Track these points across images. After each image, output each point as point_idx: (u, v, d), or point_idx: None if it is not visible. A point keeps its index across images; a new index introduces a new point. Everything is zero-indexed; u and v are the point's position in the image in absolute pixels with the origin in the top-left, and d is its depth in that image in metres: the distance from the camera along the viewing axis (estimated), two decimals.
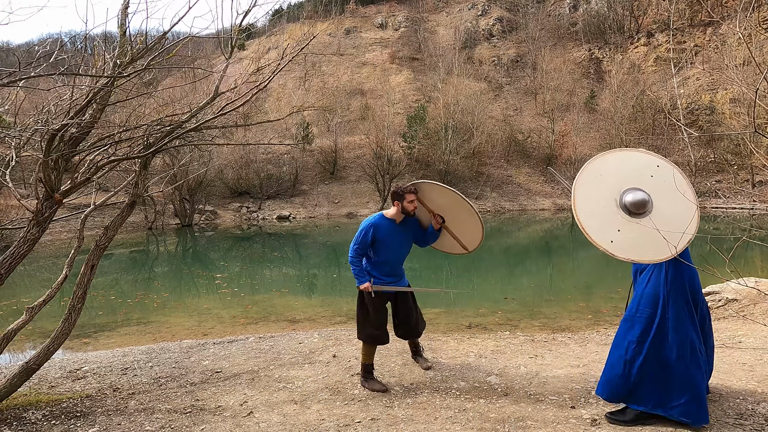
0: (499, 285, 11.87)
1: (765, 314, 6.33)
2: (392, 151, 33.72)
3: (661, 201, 3.21)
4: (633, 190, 3.25)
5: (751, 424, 3.23)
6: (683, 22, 45.24)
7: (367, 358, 4.26)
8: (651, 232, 3.11)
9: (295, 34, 49.94)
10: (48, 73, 3.22)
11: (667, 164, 3.31)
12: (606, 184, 3.30)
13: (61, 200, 3.76)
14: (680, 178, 3.25)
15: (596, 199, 3.28)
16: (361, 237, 4.10)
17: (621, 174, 3.31)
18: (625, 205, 3.24)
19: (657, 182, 3.25)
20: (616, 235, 3.18)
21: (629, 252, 3.16)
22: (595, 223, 3.23)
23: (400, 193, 4.09)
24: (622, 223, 3.20)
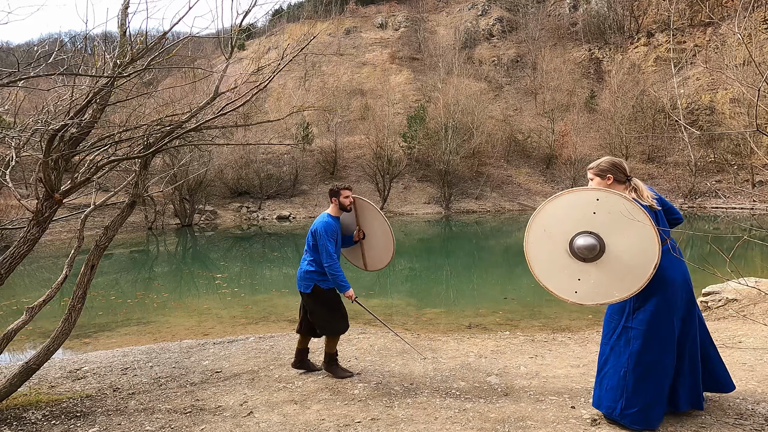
0: (499, 285, 11.87)
1: (765, 314, 6.33)
2: (392, 151, 33.71)
3: (613, 235, 3.09)
4: (579, 236, 3.16)
5: (751, 424, 3.23)
6: (683, 22, 45.23)
7: (334, 347, 4.54)
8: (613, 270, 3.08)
9: (295, 34, 49.94)
10: (48, 73, 3.22)
11: (606, 194, 3.13)
12: (553, 239, 3.23)
13: (61, 200, 3.76)
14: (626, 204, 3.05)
15: (548, 255, 3.24)
16: (330, 242, 4.28)
17: (564, 222, 3.21)
18: (577, 252, 3.17)
19: (601, 217, 3.10)
20: (578, 285, 3.17)
21: (595, 297, 3.16)
22: (554, 280, 3.23)
23: (336, 190, 4.46)
24: (580, 270, 3.16)
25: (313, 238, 4.36)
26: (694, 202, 32.59)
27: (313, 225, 4.39)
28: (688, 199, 33.02)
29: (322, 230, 4.28)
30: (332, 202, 4.48)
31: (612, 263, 3.10)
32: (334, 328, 4.43)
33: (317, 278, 4.36)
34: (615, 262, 3.09)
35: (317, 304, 4.39)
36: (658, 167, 36.78)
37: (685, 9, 45.39)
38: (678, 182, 34.55)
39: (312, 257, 4.38)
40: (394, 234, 4.63)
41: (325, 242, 4.24)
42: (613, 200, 3.09)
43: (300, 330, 4.61)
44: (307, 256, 4.44)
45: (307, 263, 4.42)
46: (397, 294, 10.89)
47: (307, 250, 4.44)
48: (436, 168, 34.38)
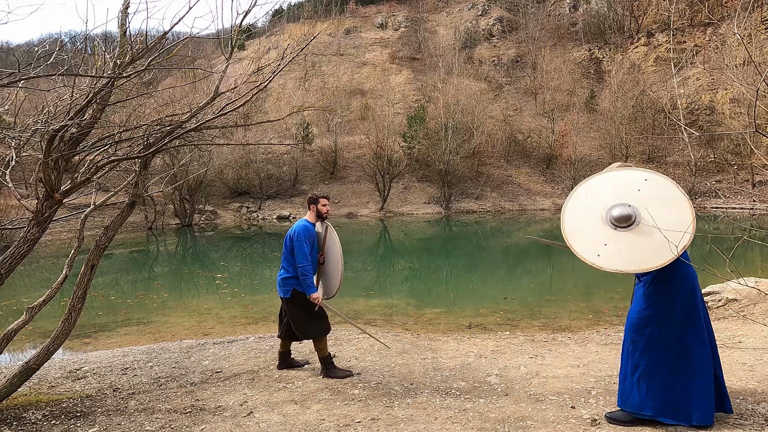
0: (499, 285, 11.87)
1: (765, 314, 6.33)
2: (392, 151, 33.71)
3: (649, 212, 3.20)
4: (617, 206, 3.31)
5: (751, 424, 3.22)
6: (683, 22, 45.23)
7: (325, 350, 4.52)
8: (643, 243, 3.16)
9: (295, 34, 49.94)
10: (48, 73, 3.22)
11: (657, 177, 3.33)
12: (592, 206, 3.40)
13: (61, 200, 3.76)
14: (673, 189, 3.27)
15: (582, 219, 3.41)
16: (307, 245, 4.38)
17: (608, 194, 3.39)
18: (611, 220, 3.30)
19: (645, 195, 3.28)
20: (603, 249, 3.25)
21: (617, 264, 3.22)
22: (581, 241, 3.35)
23: (315, 198, 4.60)
24: (609, 236, 3.26)
25: (290, 242, 4.45)
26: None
27: (291, 230, 4.48)
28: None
29: (300, 232, 4.40)
30: (310, 209, 4.62)
31: (643, 236, 3.17)
32: (315, 331, 4.48)
33: (295, 283, 4.43)
34: (646, 236, 3.16)
35: (296, 308, 4.46)
36: (658, 167, 36.73)
37: (685, 9, 45.38)
38: (678, 182, 34.40)
39: (290, 262, 4.47)
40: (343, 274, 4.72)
41: (301, 243, 4.36)
42: (661, 182, 3.29)
43: (281, 335, 4.70)
44: (284, 262, 4.53)
45: (284, 269, 4.52)
46: (397, 294, 10.89)
47: (285, 255, 4.52)
48: (436, 168, 34.39)
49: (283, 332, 4.66)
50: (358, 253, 18.09)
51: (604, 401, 3.72)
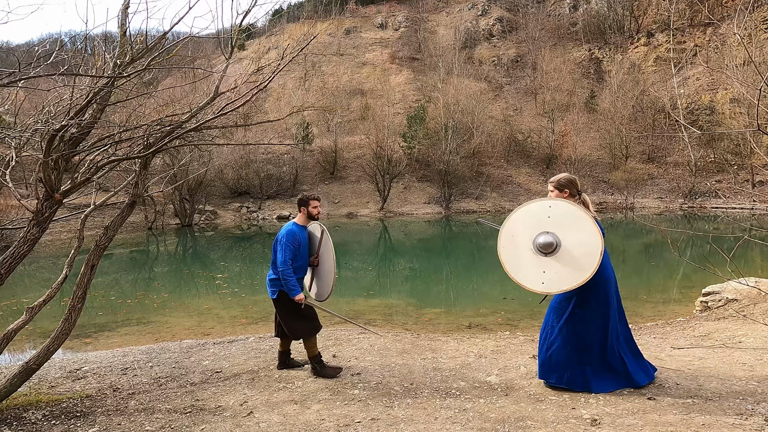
0: (499, 285, 11.86)
1: (765, 314, 6.33)
2: (392, 151, 33.70)
3: (565, 232, 3.79)
4: (540, 235, 3.85)
5: (751, 424, 3.23)
6: (683, 22, 45.22)
7: (314, 350, 4.53)
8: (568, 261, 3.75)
9: (295, 34, 49.91)
10: (48, 73, 3.22)
11: (555, 201, 3.89)
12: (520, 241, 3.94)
13: (61, 200, 3.76)
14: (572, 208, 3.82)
15: (516, 255, 3.93)
16: (291, 246, 4.38)
17: (527, 226, 3.92)
18: (538, 248, 3.85)
19: (554, 219, 3.83)
20: (544, 276, 3.80)
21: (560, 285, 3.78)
22: (523, 274, 3.89)
23: (305, 200, 4.57)
24: (544, 264, 3.80)
25: (276, 244, 4.49)
26: (694, 202, 32.59)
27: (279, 233, 4.50)
28: (688, 199, 33.02)
29: (283, 236, 4.42)
30: (300, 211, 4.61)
31: (567, 255, 3.77)
32: (302, 331, 4.49)
33: (281, 284, 4.46)
34: (569, 255, 3.77)
35: (284, 309, 4.49)
36: (658, 167, 36.78)
37: (685, 9, 45.39)
38: (678, 182, 34.54)
39: (272, 265, 4.52)
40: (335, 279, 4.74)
41: (284, 246, 4.37)
42: (561, 205, 3.86)
43: (277, 333, 4.72)
44: (272, 263, 4.55)
45: (272, 270, 4.54)
46: (397, 294, 10.89)
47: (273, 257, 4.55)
48: (436, 168, 34.38)
49: (278, 332, 4.69)
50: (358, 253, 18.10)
51: (604, 401, 3.72)
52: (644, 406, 3.61)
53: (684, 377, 4.13)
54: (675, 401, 3.65)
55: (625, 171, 35.44)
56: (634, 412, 3.50)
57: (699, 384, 3.97)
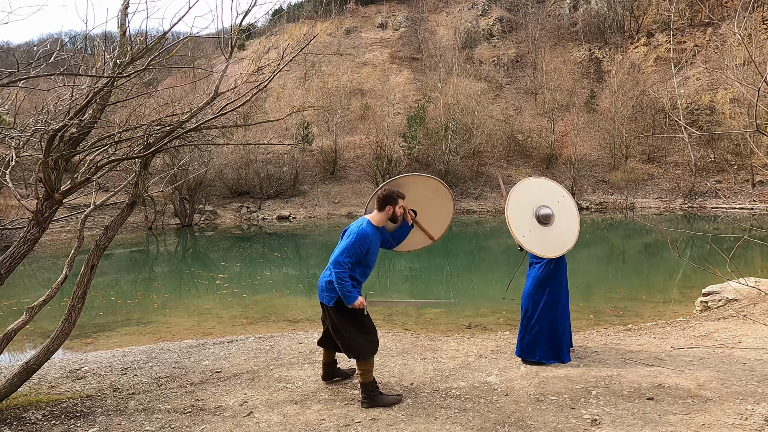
0: (499, 285, 11.86)
1: (765, 314, 6.32)
2: (392, 151, 33.69)
3: (561, 218, 4.75)
4: (545, 207, 4.74)
5: (751, 424, 3.23)
6: (683, 22, 45.20)
7: (371, 374, 3.78)
8: (549, 238, 4.66)
9: (295, 34, 49.89)
10: (48, 73, 3.23)
11: (568, 195, 4.91)
12: (528, 200, 4.76)
13: (61, 200, 3.76)
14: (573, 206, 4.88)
15: (522, 206, 4.74)
16: (356, 249, 3.68)
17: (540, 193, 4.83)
18: (538, 216, 4.71)
19: (561, 206, 4.79)
20: (528, 234, 4.67)
21: (533, 247, 4.65)
22: (516, 224, 4.67)
23: (393, 197, 3.87)
24: (533, 227, 4.69)
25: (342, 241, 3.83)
26: (694, 202, 32.58)
27: (348, 228, 3.86)
28: (688, 199, 33.01)
29: (353, 233, 3.73)
30: (385, 210, 3.86)
31: (550, 233, 4.69)
32: (363, 350, 3.75)
33: None
34: (552, 233, 4.69)
35: (343, 319, 3.76)
36: (658, 167, 36.77)
37: (685, 9, 45.37)
38: (678, 182, 34.53)
39: None
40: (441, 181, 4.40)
41: (347, 247, 3.67)
42: (570, 200, 4.92)
43: (322, 343, 4.13)
44: (329, 264, 3.81)
45: (329, 273, 3.78)
46: (397, 294, 10.89)
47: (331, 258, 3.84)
48: (436, 168, 34.35)
49: (324, 341, 4.10)
50: None
51: (604, 401, 3.72)
52: (644, 406, 3.61)
53: (684, 377, 4.13)
54: (675, 401, 3.65)
55: (625, 171, 35.43)
56: (634, 412, 3.50)
57: (699, 384, 3.97)
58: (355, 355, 3.78)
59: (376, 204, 3.92)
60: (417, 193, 4.25)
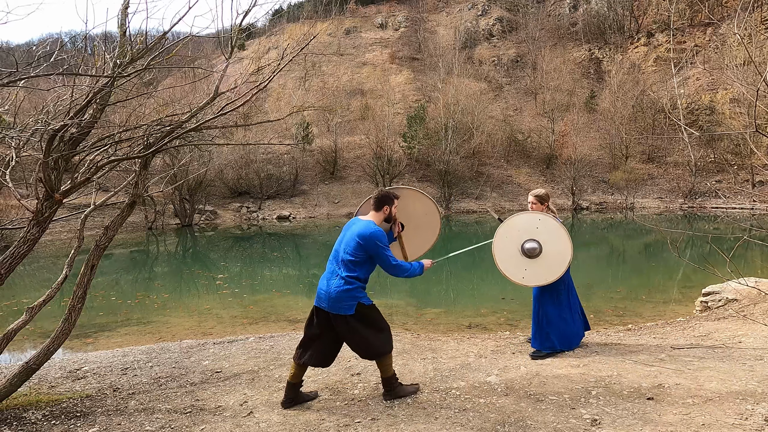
0: (499, 285, 11.86)
1: (765, 314, 6.32)
2: (392, 151, 33.71)
3: (547, 240, 4.87)
4: (528, 241, 4.88)
5: (751, 424, 3.23)
6: (683, 22, 45.22)
7: (391, 367, 3.87)
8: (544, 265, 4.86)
9: (295, 34, 49.90)
10: (48, 73, 3.23)
11: (545, 216, 4.92)
12: (511, 242, 4.94)
13: (61, 200, 3.76)
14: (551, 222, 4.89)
15: (508, 252, 4.94)
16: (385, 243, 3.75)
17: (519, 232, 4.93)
18: (525, 251, 4.88)
19: (541, 230, 4.89)
20: (524, 273, 4.90)
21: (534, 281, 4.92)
22: (510, 268, 4.93)
23: (392, 198, 3.93)
24: (526, 263, 4.89)
25: (360, 250, 3.68)
26: (694, 202, 32.59)
27: (357, 234, 3.70)
28: (688, 199, 33.01)
29: (380, 238, 3.68)
30: (382, 211, 3.89)
31: (544, 260, 4.85)
32: (385, 347, 3.78)
33: (360, 295, 3.70)
34: (546, 259, 4.85)
35: (363, 325, 3.71)
36: (658, 167, 36.78)
37: (685, 9, 45.38)
38: (678, 182, 34.54)
39: (349, 272, 3.68)
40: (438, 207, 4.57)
41: (384, 251, 3.68)
42: (548, 220, 4.90)
43: (303, 359, 3.79)
44: (341, 271, 3.71)
45: (342, 280, 3.67)
46: (397, 294, 10.89)
47: (340, 263, 3.75)
48: (436, 168, 34.38)
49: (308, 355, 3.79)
50: None
51: (604, 401, 3.72)
52: (644, 406, 3.61)
53: (684, 377, 4.13)
54: (675, 401, 3.65)
55: (625, 171, 35.44)
56: (634, 412, 3.50)
57: (699, 384, 3.97)
58: (375, 355, 3.78)
59: (373, 204, 3.94)
60: (411, 208, 4.41)
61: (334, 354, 3.91)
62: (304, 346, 3.84)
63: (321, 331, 3.80)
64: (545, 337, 4.98)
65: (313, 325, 3.83)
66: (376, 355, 3.78)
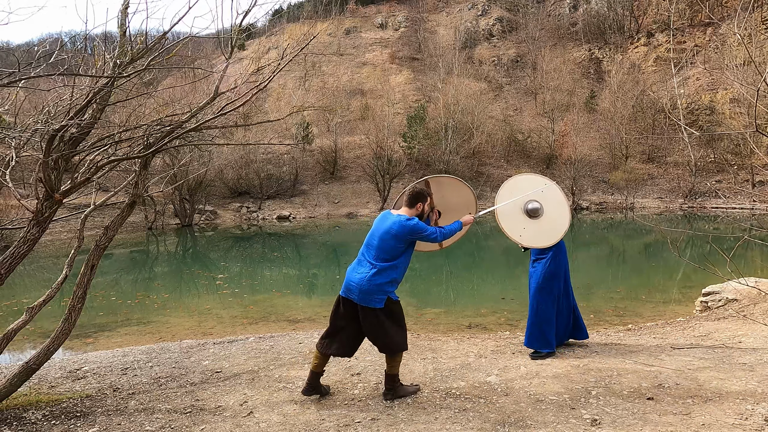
0: (499, 285, 11.87)
1: (765, 314, 6.32)
2: (392, 151, 33.70)
3: (548, 207, 4.94)
4: (531, 201, 4.93)
5: (751, 424, 3.23)
6: (683, 22, 45.22)
7: (398, 366, 3.91)
8: (543, 229, 4.89)
9: (295, 34, 49.90)
10: (48, 73, 3.22)
11: (551, 182, 5.06)
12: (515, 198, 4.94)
13: (61, 200, 3.76)
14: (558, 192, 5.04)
15: (510, 209, 4.95)
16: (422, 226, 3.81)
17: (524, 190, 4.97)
18: (527, 211, 4.92)
19: (545, 195, 4.97)
20: (523, 232, 4.91)
21: (532, 242, 4.94)
22: (509, 225, 4.91)
23: (425, 195, 3.93)
24: (527, 222, 4.91)
25: (395, 240, 3.72)
26: (694, 202, 32.59)
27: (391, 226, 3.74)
28: (688, 199, 33.01)
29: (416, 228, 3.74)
30: (415, 207, 3.87)
31: (543, 224, 4.90)
32: (402, 344, 3.85)
33: (390, 289, 3.75)
34: (545, 224, 4.90)
35: (388, 319, 3.76)
36: (658, 167, 36.78)
37: (685, 9, 45.39)
38: (678, 182, 34.54)
39: (382, 264, 3.71)
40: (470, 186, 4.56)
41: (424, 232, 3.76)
42: (554, 188, 5.06)
43: (330, 350, 3.85)
44: (374, 262, 3.74)
45: (374, 273, 3.70)
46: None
47: (372, 256, 3.77)
48: (436, 168, 34.35)
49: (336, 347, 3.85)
50: None
51: (604, 401, 3.72)
52: (644, 406, 3.61)
53: (684, 377, 4.13)
54: (675, 401, 3.65)
55: (625, 171, 35.44)
56: (634, 412, 3.50)
57: (699, 384, 3.97)
58: (393, 350, 3.83)
59: (406, 200, 3.93)
60: (450, 197, 4.40)
61: (357, 344, 3.96)
62: (329, 337, 3.88)
63: (347, 323, 3.84)
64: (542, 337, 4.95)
65: (339, 315, 3.87)
66: (395, 350, 3.83)
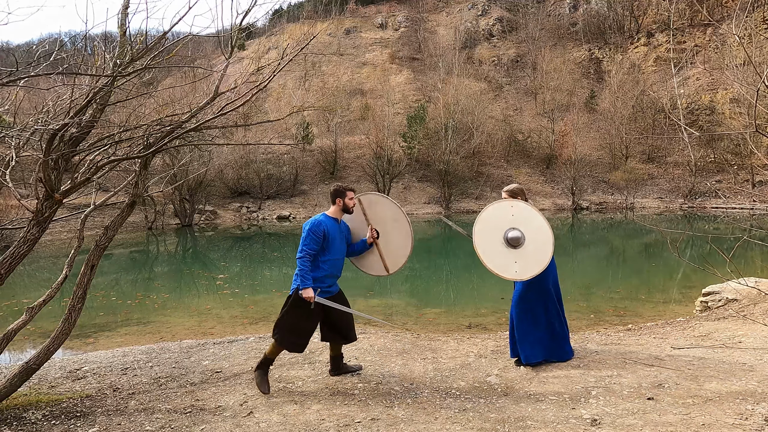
0: (499, 285, 11.85)
1: (765, 314, 6.32)
2: (392, 151, 33.72)
3: (525, 227, 4.57)
4: (509, 230, 4.56)
5: (751, 424, 3.23)
6: (683, 22, 45.23)
7: (274, 355, 4.26)
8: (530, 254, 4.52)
9: (295, 34, 49.91)
10: (48, 73, 3.22)
11: (515, 202, 4.68)
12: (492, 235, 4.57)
13: (61, 200, 3.76)
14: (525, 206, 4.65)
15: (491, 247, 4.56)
16: (313, 236, 4.03)
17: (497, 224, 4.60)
18: (508, 241, 4.54)
19: (517, 216, 4.59)
20: (516, 266, 4.53)
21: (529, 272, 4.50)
22: (500, 264, 4.52)
23: (341, 191, 4.26)
24: (515, 255, 4.53)
25: None
26: (694, 202, 32.59)
27: None
28: (688, 199, 33.02)
29: (307, 226, 4.10)
30: (336, 204, 4.27)
31: (530, 247, 4.52)
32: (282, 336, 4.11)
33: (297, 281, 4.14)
34: (531, 246, 4.52)
35: (291, 305, 4.11)
36: (658, 167, 36.79)
37: (685, 9, 45.40)
38: (678, 182, 34.56)
39: None
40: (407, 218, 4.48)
41: (304, 236, 4.06)
42: (519, 204, 4.68)
43: (324, 338, 4.38)
44: None
45: None
46: (397, 294, 10.89)
47: None
48: (436, 168, 34.39)
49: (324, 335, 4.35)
50: None
51: (604, 401, 3.72)
52: (644, 406, 3.61)
53: (684, 377, 4.13)
54: (675, 401, 3.65)
55: (625, 171, 35.47)
56: (634, 412, 3.50)
57: (699, 384, 3.97)
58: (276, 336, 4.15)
59: (330, 200, 4.35)
60: (381, 215, 4.46)
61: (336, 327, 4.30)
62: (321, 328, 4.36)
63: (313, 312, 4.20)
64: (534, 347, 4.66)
65: None
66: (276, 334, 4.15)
